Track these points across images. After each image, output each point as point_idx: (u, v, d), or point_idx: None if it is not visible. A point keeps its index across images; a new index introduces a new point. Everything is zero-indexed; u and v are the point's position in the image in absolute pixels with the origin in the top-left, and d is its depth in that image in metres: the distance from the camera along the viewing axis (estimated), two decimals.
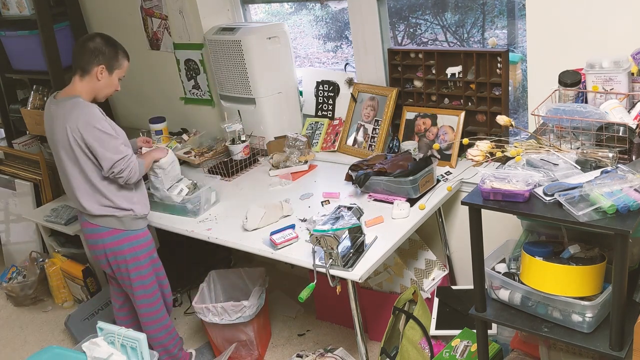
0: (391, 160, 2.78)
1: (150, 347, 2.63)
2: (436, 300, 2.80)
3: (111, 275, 2.85)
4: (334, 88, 3.35)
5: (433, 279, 2.96)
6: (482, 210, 1.92)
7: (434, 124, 2.97)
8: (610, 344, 1.80)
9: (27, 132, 4.29)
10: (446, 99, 2.98)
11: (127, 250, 2.68)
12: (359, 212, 2.38)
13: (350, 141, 3.24)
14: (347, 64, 3.43)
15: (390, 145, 3.08)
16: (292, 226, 2.57)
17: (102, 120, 2.52)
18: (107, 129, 2.51)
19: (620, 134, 1.91)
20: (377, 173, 2.71)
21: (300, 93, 3.51)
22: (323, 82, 3.38)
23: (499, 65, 2.74)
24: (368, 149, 3.14)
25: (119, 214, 2.63)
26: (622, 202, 1.65)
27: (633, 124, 1.93)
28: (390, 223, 2.53)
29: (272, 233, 2.52)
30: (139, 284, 2.73)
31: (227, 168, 3.22)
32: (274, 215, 2.68)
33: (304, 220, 2.63)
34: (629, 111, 2.01)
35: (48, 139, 2.69)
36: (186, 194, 2.88)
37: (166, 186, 2.85)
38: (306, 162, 3.15)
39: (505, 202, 1.83)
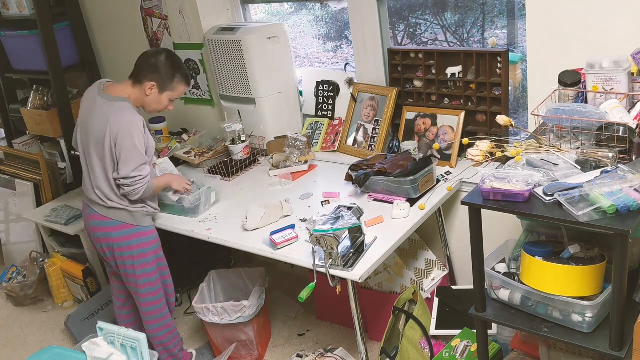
0: (391, 160, 2.78)
1: (151, 346, 2.63)
2: (436, 300, 2.80)
3: (114, 272, 2.85)
4: (334, 88, 3.35)
5: (433, 279, 2.96)
6: (482, 210, 1.92)
7: (434, 124, 2.97)
8: (610, 344, 1.80)
9: (27, 132, 4.29)
10: (446, 99, 2.98)
11: (135, 246, 2.68)
12: (359, 212, 2.38)
13: (350, 141, 3.24)
14: (347, 64, 3.43)
15: (390, 145, 3.08)
16: (292, 226, 2.57)
17: (140, 134, 2.55)
18: (140, 146, 2.54)
19: (620, 134, 1.91)
20: (377, 173, 2.71)
21: (300, 93, 3.51)
22: (323, 82, 3.38)
23: (499, 65, 2.74)
24: (368, 149, 3.14)
25: (132, 208, 2.65)
26: (622, 202, 1.65)
27: (633, 124, 1.93)
28: (390, 223, 2.53)
29: (272, 233, 2.52)
30: (144, 281, 2.73)
31: (227, 168, 3.22)
32: (274, 215, 2.68)
33: (304, 220, 2.63)
34: (629, 111, 2.01)
35: (81, 126, 2.68)
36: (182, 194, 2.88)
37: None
38: (306, 162, 3.15)
39: (505, 202, 1.83)
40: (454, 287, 2.94)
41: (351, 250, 2.34)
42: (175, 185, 2.83)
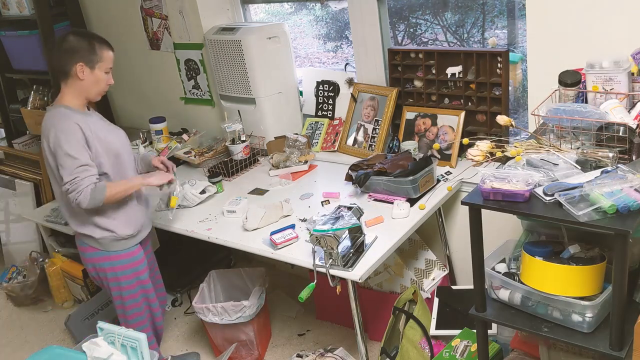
0: (391, 160, 2.78)
1: None
2: (436, 300, 2.80)
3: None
4: (334, 88, 3.35)
5: (433, 279, 2.96)
6: (482, 210, 1.92)
7: (434, 123, 2.97)
8: (610, 343, 1.80)
9: (27, 132, 4.29)
10: (446, 99, 2.98)
11: (109, 269, 2.59)
12: (359, 212, 2.38)
13: (350, 141, 3.24)
14: (347, 63, 3.43)
15: (390, 145, 3.08)
16: (292, 226, 2.57)
17: (70, 136, 2.35)
18: (70, 149, 2.34)
19: (621, 134, 1.91)
20: (377, 173, 2.71)
21: (300, 93, 3.51)
22: (323, 82, 3.38)
23: (499, 65, 2.73)
24: (368, 148, 3.13)
25: (97, 234, 2.51)
26: (622, 202, 1.65)
27: (633, 124, 1.93)
28: (390, 223, 2.53)
29: (272, 233, 2.52)
30: (119, 303, 2.66)
31: (227, 168, 3.22)
32: (274, 215, 2.68)
33: (304, 220, 2.63)
34: (629, 111, 2.01)
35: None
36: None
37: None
38: (306, 162, 3.15)
39: (505, 202, 1.83)
40: (454, 287, 2.94)
41: (351, 250, 2.34)
42: (155, 180, 2.59)
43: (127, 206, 2.57)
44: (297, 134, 3.25)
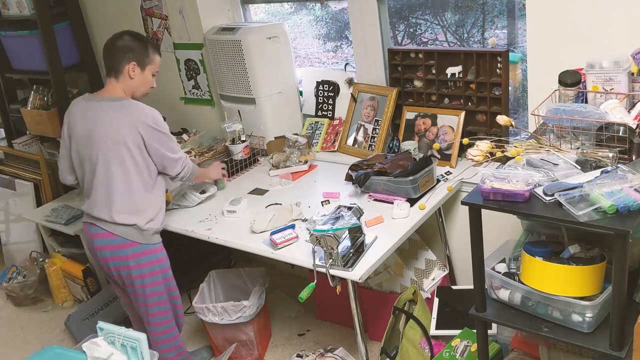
0: (391, 160, 2.78)
1: None
2: (436, 300, 2.80)
3: (122, 290, 2.76)
4: (334, 88, 3.35)
5: (433, 279, 2.96)
6: (482, 210, 1.92)
7: (434, 123, 2.97)
8: (610, 343, 1.80)
9: (27, 132, 4.29)
10: (446, 99, 2.98)
11: (145, 264, 2.58)
12: (359, 212, 2.38)
13: (350, 141, 3.24)
14: (347, 63, 3.43)
15: (390, 145, 3.08)
16: (292, 226, 2.57)
17: (162, 121, 2.58)
18: (168, 132, 2.59)
19: (620, 134, 1.91)
20: (377, 173, 2.71)
21: (300, 93, 3.51)
22: (323, 82, 3.38)
23: (499, 65, 2.73)
24: (368, 148, 3.13)
25: (143, 226, 2.56)
26: (622, 202, 1.65)
27: (633, 124, 1.93)
28: (390, 223, 2.53)
29: (272, 233, 2.52)
30: (154, 300, 2.62)
31: (227, 168, 3.22)
32: (283, 218, 2.65)
33: (304, 220, 2.63)
34: (629, 111, 2.01)
35: (82, 137, 2.55)
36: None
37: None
38: (306, 162, 3.15)
39: (505, 202, 1.83)
40: (454, 287, 2.94)
41: (351, 250, 2.34)
42: (214, 174, 2.94)
43: (162, 200, 2.68)
44: (296, 134, 3.25)
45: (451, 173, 2.82)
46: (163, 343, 2.71)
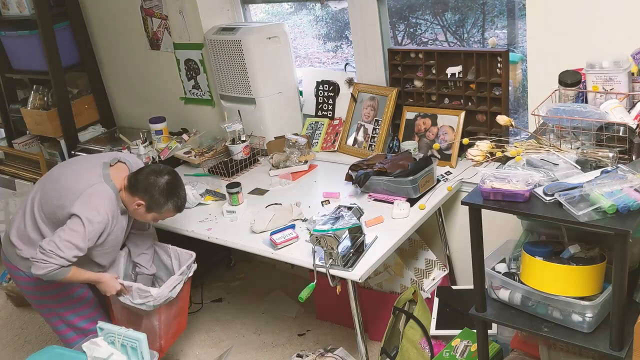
0: (391, 160, 2.78)
1: None
2: (436, 300, 2.80)
3: None
4: (334, 88, 3.35)
5: (433, 279, 2.96)
6: (482, 210, 1.92)
7: (434, 123, 2.97)
8: (610, 343, 1.80)
9: (27, 132, 4.29)
10: (446, 99, 2.98)
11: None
12: (359, 212, 2.38)
13: (350, 141, 3.24)
14: (347, 63, 3.43)
15: (390, 145, 3.08)
16: (292, 226, 2.57)
17: (97, 225, 2.35)
18: (86, 232, 2.32)
19: (621, 134, 1.92)
20: (377, 173, 2.71)
21: (300, 93, 3.51)
22: (323, 82, 3.38)
23: (499, 65, 2.73)
24: (368, 148, 3.13)
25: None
26: (622, 202, 1.65)
27: (633, 124, 1.93)
28: (390, 223, 2.53)
29: (272, 233, 2.52)
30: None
31: (227, 168, 3.22)
32: (284, 218, 2.64)
33: (304, 220, 2.63)
34: (629, 111, 2.01)
35: (54, 173, 2.56)
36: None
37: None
38: (306, 162, 3.16)
39: (505, 202, 1.83)
40: (454, 287, 2.94)
41: (351, 250, 2.34)
42: (105, 287, 2.55)
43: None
44: (297, 134, 3.25)
45: (451, 173, 2.82)
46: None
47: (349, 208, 2.38)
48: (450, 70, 2.89)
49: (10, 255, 2.59)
